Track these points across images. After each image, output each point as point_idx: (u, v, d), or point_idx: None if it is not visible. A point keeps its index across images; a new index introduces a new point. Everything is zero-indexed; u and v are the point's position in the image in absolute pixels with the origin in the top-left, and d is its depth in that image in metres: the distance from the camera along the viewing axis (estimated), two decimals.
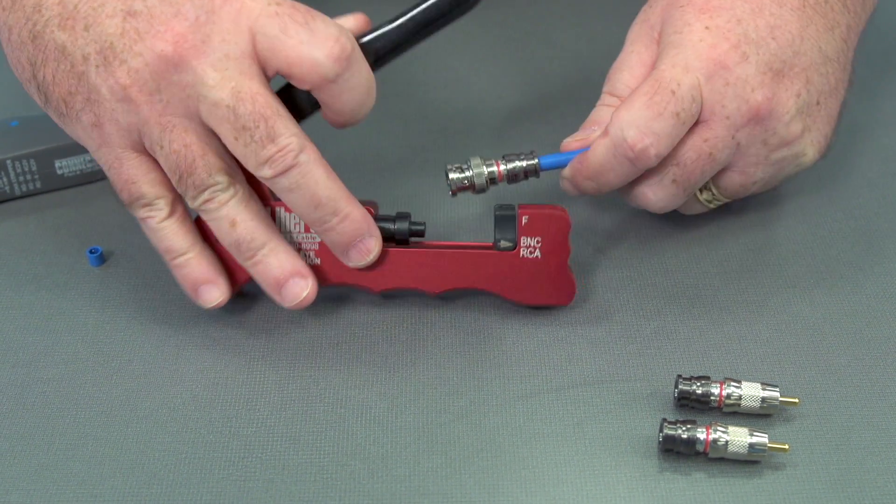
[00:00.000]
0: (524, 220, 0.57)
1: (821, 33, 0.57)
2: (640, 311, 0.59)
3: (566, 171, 0.58)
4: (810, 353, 0.57)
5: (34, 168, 0.65)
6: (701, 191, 0.58)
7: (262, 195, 0.57)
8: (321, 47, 0.51)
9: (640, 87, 0.55)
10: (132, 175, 0.55)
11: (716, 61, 0.55)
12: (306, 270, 0.56)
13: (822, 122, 0.57)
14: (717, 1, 0.57)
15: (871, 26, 0.64)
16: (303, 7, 0.52)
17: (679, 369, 0.56)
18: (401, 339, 0.58)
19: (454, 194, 0.58)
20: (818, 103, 0.57)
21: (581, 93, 0.72)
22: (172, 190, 0.55)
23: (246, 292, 0.60)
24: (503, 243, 0.57)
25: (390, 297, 0.60)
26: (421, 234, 0.58)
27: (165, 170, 0.54)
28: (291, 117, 0.53)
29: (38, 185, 0.66)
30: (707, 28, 0.56)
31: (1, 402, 0.55)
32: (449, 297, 0.60)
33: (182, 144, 0.53)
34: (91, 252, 0.62)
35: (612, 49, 0.76)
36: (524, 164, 0.58)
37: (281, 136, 0.52)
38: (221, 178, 0.54)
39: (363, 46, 0.56)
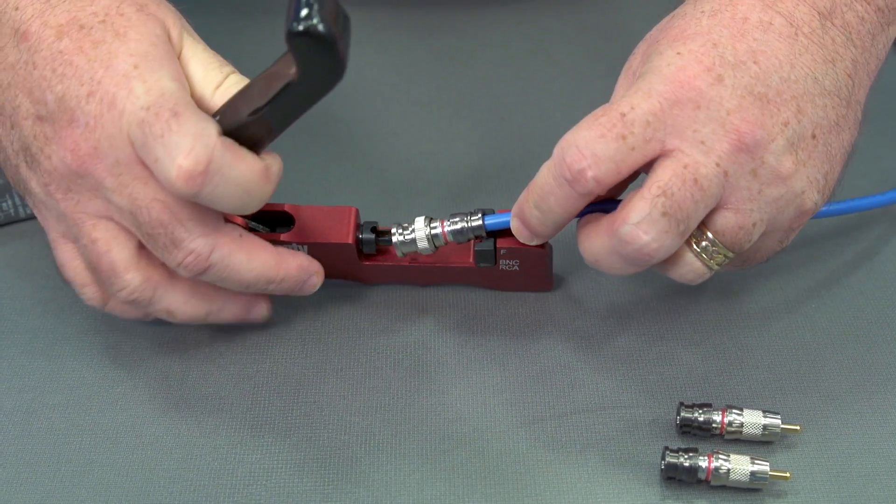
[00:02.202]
0: (502, 251, 0.58)
1: (817, 64, 0.52)
2: (642, 337, 0.59)
3: (515, 207, 0.55)
4: (811, 379, 0.57)
5: None
6: (698, 240, 0.52)
7: None
8: (171, 166, 0.48)
9: (594, 111, 0.51)
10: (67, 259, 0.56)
11: (683, 84, 0.50)
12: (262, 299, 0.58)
13: (819, 159, 0.52)
14: (692, 29, 0.52)
15: None
16: (167, 108, 0.49)
17: (681, 395, 0.56)
18: (404, 364, 0.58)
19: (403, 254, 0.59)
20: (814, 137, 0.52)
21: (582, 114, 0.72)
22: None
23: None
24: (483, 265, 0.59)
25: (393, 322, 0.61)
26: (389, 241, 0.59)
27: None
28: (199, 216, 0.52)
29: None
30: (678, 53, 0.51)
31: (6, 428, 0.55)
32: (453, 323, 0.60)
33: (89, 240, 0.53)
34: None
35: (614, 68, 0.76)
36: (469, 224, 0.57)
37: (183, 241, 0.51)
38: (129, 277, 0.53)
39: (241, 128, 0.50)
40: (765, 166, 0.50)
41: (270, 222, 0.59)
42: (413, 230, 0.58)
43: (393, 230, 0.58)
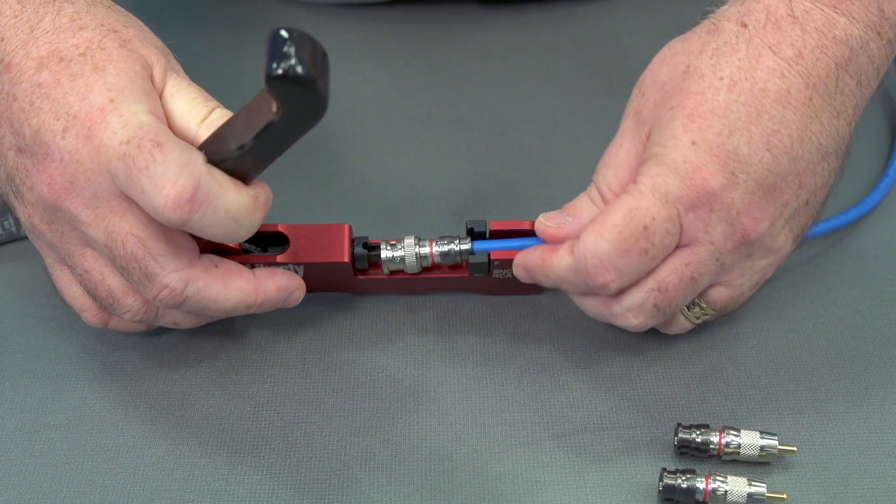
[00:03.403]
0: (496, 262, 0.59)
1: (824, 126, 0.52)
2: (641, 357, 0.60)
3: (522, 261, 0.56)
4: (808, 399, 0.57)
5: None
6: (689, 307, 0.56)
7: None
8: (158, 196, 0.48)
9: (613, 215, 0.52)
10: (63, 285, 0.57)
11: (699, 188, 0.51)
12: (255, 303, 0.56)
13: (805, 219, 0.55)
14: (709, 104, 0.51)
15: None
16: (149, 140, 0.49)
17: (679, 415, 0.57)
18: (403, 384, 0.59)
19: (390, 271, 0.60)
20: (807, 203, 0.54)
21: (582, 130, 0.73)
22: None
23: (249, 337, 0.61)
24: (477, 275, 0.60)
25: (392, 342, 0.61)
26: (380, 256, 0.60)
27: None
28: (173, 251, 0.52)
29: None
30: (694, 143, 0.51)
31: (9, 449, 0.56)
32: (452, 343, 0.61)
33: (83, 270, 0.54)
34: None
35: (613, 84, 0.76)
36: (458, 248, 0.59)
37: (157, 276, 0.52)
38: (129, 301, 0.54)
39: (228, 160, 0.50)
40: (760, 248, 0.54)
41: (265, 243, 0.59)
42: (402, 248, 0.59)
43: (382, 246, 0.59)
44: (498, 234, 0.60)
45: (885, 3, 0.53)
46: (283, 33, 0.44)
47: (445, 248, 0.58)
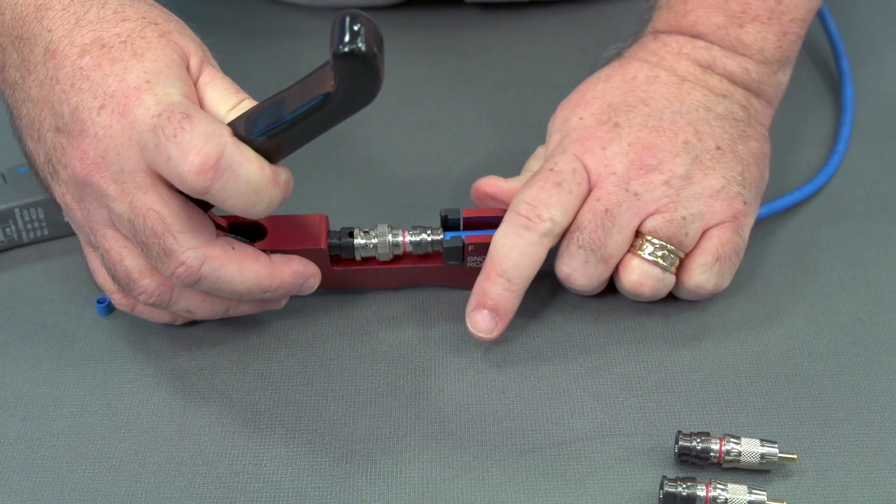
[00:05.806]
0: (470, 248, 0.60)
1: (708, 98, 0.61)
2: (642, 364, 0.60)
3: (471, 304, 0.59)
4: (809, 407, 0.58)
5: (42, 216, 0.65)
6: (642, 248, 0.58)
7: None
8: (183, 162, 0.49)
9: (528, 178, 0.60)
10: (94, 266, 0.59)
11: (588, 137, 0.60)
12: (270, 287, 0.57)
13: (730, 162, 0.59)
14: (590, 94, 0.62)
15: (866, 70, 0.64)
16: (179, 111, 0.50)
17: (679, 423, 0.57)
18: (404, 391, 0.59)
19: (360, 258, 0.61)
20: (719, 148, 0.60)
21: None
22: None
23: (250, 345, 0.61)
24: (451, 262, 0.61)
25: (393, 349, 0.61)
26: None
27: None
28: (191, 229, 0.53)
29: (46, 232, 0.66)
30: (581, 118, 0.61)
31: (10, 457, 0.56)
32: (452, 350, 0.61)
33: (104, 250, 0.55)
34: (99, 302, 0.62)
35: None
36: (430, 238, 0.60)
37: (175, 252, 0.53)
38: (145, 283, 0.55)
39: (254, 140, 0.51)
40: (676, 177, 0.58)
41: (249, 234, 0.60)
42: (375, 236, 0.60)
43: (355, 232, 0.60)
44: (472, 223, 0.61)
45: (742, 33, 0.62)
46: (351, 16, 0.48)
47: (417, 238, 0.60)
